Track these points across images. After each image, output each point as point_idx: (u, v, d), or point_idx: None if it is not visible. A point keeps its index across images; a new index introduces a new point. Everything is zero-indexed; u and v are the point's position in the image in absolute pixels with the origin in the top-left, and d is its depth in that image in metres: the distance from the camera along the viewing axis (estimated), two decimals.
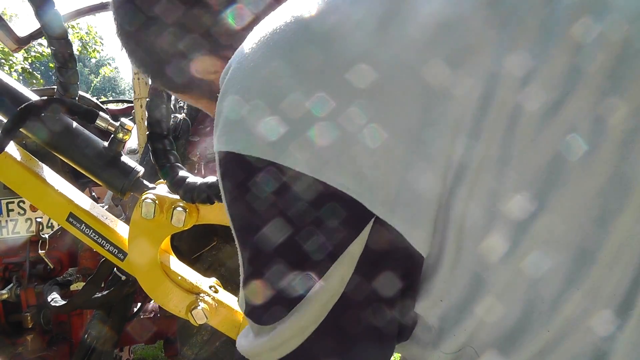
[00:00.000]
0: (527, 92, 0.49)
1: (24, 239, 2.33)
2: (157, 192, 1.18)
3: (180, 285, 1.23)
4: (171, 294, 1.22)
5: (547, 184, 0.49)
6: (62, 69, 1.25)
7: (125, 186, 1.21)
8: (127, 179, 1.21)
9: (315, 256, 0.51)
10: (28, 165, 1.23)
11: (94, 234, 1.23)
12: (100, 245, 1.24)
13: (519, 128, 0.49)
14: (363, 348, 0.55)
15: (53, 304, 2.00)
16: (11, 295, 2.25)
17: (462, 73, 0.49)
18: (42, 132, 1.20)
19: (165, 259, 1.25)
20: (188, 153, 2.52)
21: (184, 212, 1.14)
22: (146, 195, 1.16)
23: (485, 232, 0.51)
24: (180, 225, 1.15)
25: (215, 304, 1.22)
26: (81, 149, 1.21)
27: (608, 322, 0.51)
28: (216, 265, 2.49)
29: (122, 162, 1.23)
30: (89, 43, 10.76)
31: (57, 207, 1.23)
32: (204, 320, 1.19)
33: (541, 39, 0.49)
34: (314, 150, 0.49)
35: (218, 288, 1.27)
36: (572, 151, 0.49)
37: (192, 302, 1.21)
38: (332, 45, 0.50)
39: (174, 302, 1.22)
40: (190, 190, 1.08)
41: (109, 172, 1.22)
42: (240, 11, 0.68)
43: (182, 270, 1.25)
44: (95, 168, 1.22)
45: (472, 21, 0.50)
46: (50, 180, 1.24)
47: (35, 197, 1.25)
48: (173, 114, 2.49)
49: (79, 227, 1.23)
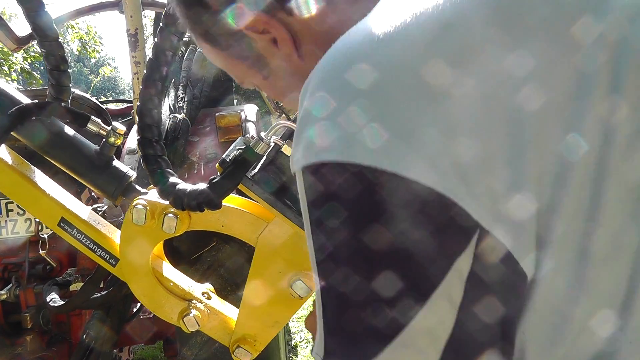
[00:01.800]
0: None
1: (24, 239, 2.32)
2: (148, 197, 1.16)
3: (172, 291, 1.21)
4: (163, 300, 1.20)
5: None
6: (54, 71, 1.23)
7: (117, 191, 1.20)
8: (118, 184, 1.19)
9: (419, 277, 0.47)
10: (20, 169, 1.22)
11: (85, 239, 1.22)
12: (91, 251, 1.22)
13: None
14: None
15: (52, 304, 1.99)
16: (10, 295, 2.24)
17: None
18: (33, 136, 1.19)
19: (157, 264, 1.23)
20: (188, 153, 2.51)
21: (175, 218, 1.12)
22: (137, 201, 1.15)
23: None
24: (172, 232, 1.13)
25: (208, 310, 1.21)
26: (72, 153, 1.20)
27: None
28: (216, 265, 2.48)
29: (114, 167, 1.21)
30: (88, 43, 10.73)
31: (49, 211, 1.22)
32: (195, 327, 1.18)
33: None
34: (428, 158, 0.45)
35: (211, 294, 1.26)
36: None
37: (184, 309, 1.19)
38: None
39: (166, 309, 1.20)
40: (180, 197, 1.07)
41: (101, 177, 1.20)
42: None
43: (174, 277, 1.24)
44: (86, 172, 1.21)
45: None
46: (42, 184, 1.22)
47: (27, 201, 1.23)
48: (173, 114, 2.48)
49: (71, 232, 1.22)
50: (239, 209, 1.15)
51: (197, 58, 2.70)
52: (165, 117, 2.43)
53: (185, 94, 2.57)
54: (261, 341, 1.19)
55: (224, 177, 1.03)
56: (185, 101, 2.54)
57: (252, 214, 1.15)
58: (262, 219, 1.14)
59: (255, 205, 1.14)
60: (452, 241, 0.47)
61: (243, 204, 1.18)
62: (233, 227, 1.16)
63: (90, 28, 10.54)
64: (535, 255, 0.48)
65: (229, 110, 2.66)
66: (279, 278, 1.12)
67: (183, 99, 2.54)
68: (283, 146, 1.03)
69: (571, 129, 0.47)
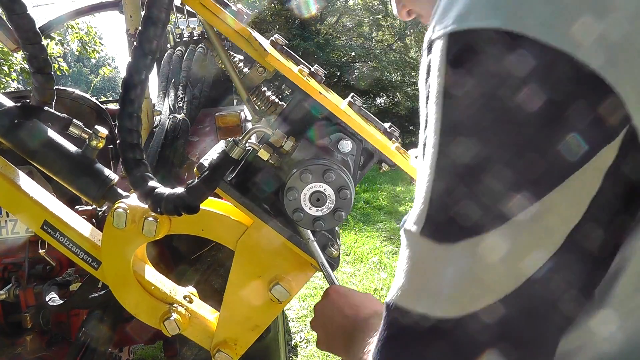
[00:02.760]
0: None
1: (23, 239, 2.34)
2: (129, 201, 1.16)
3: (154, 294, 1.21)
4: (143, 303, 1.20)
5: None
6: (37, 74, 1.23)
7: (98, 194, 1.19)
8: (100, 187, 1.19)
9: (559, 158, 0.45)
10: (2, 171, 1.22)
11: (68, 242, 1.22)
12: (74, 254, 1.22)
13: None
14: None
15: (51, 303, 2.01)
16: (10, 295, 2.26)
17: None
18: (14, 138, 1.19)
19: (139, 267, 1.23)
20: (187, 153, 2.51)
21: (154, 222, 1.12)
22: (118, 204, 1.15)
23: None
24: (152, 235, 1.13)
25: (189, 314, 1.20)
26: (54, 156, 1.20)
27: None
28: (215, 265, 2.49)
29: (96, 170, 1.21)
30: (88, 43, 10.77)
31: (32, 214, 1.22)
32: (176, 331, 1.17)
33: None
34: (592, 38, 0.44)
35: (193, 298, 1.25)
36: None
37: (165, 313, 1.19)
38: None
39: (147, 312, 1.20)
40: (158, 201, 1.06)
41: (82, 180, 1.20)
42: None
43: (156, 280, 1.23)
44: (68, 175, 1.20)
45: None
46: (25, 187, 1.23)
47: (9, 204, 1.24)
48: (173, 114, 2.49)
49: (54, 235, 1.22)
50: (218, 213, 1.15)
51: (197, 58, 2.70)
52: (165, 117, 2.44)
53: (185, 94, 2.57)
54: (242, 345, 1.18)
55: (201, 181, 1.03)
56: (185, 101, 2.54)
57: (232, 218, 1.14)
58: (241, 223, 1.13)
59: (234, 210, 1.13)
60: (600, 129, 0.45)
61: (225, 207, 1.17)
62: (212, 231, 1.15)
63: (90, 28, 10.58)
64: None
65: (229, 110, 2.66)
66: (258, 282, 1.12)
67: (183, 99, 2.55)
68: (260, 150, 1.02)
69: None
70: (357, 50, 17.65)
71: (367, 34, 18.97)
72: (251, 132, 1.01)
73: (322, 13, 17.20)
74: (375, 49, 18.26)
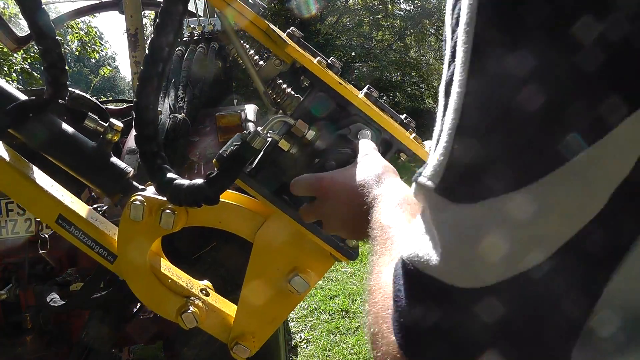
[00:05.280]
0: None
1: (23, 239, 2.32)
2: (146, 194, 1.16)
3: (171, 288, 1.21)
4: (161, 297, 1.20)
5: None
6: (51, 68, 1.23)
7: (115, 187, 1.19)
8: (116, 181, 1.19)
9: (609, 106, 0.41)
10: (17, 166, 1.22)
11: (83, 236, 1.22)
12: (89, 248, 1.22)
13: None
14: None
15: (52, 304, 1.99)
16: (10, 295, 2.24)
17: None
18: (30, 133, 1.19)
19: (155, 261, 1.23)
20: (188, 153, 2.51)
21: (172, 214, 1.12)
22: (135, 197, 1.15)
23: None
24: (169, 227, 1.13)
25: (206, 307, 1.20)
26: (70, 151, 1.20)
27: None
28: (216, 266, 2.48)
29: (112, 164, 1.21)
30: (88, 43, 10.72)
31: (46, 209, 1.21)
32: (194, 324, 1.17)
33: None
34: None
35: (209, 291, 1.25)
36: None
37: (182, 306, 1.19)
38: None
39: (164, 306, 1.20)
40: (178, 193, 1.06)
41: (98, 173, 1.20)
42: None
43: (172, 273, 1.23)
44: (84, 169, 1.20)
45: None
46: (39, 181, 1.22)
47: (24, 198, 1.23)
48: (173, 114, 2.48)
49: (69, 229, 1.22)
50: (237, 205, 1.15)
51: (197, 58, 2.70)
52: (165, 117, 2.43)
53: (185, 94, 2.56)
54: (260, 338, 1.18)
55: (221, 172, 1.03)
56: (185, 101, 2.54)
57: (250, 210, 1.14)
58: (259, 214, 1.13)
59: (253, 201, 1.14)
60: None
61: (241, 199, 1.17)
62: (230, 223, 1.15)
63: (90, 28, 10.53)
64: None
65: (229, 110, 2.66)
66: (277, 274, 1.12)
67: (183, 99, 2.54)
68: (280, 141, 1.03)
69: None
70: (357, 50, 17.63)
71: (367, 33, 18.93)
72: (273, 121, 1.01)
73: (322, 13, 17.12)
74: (375, 49, 18.24)
